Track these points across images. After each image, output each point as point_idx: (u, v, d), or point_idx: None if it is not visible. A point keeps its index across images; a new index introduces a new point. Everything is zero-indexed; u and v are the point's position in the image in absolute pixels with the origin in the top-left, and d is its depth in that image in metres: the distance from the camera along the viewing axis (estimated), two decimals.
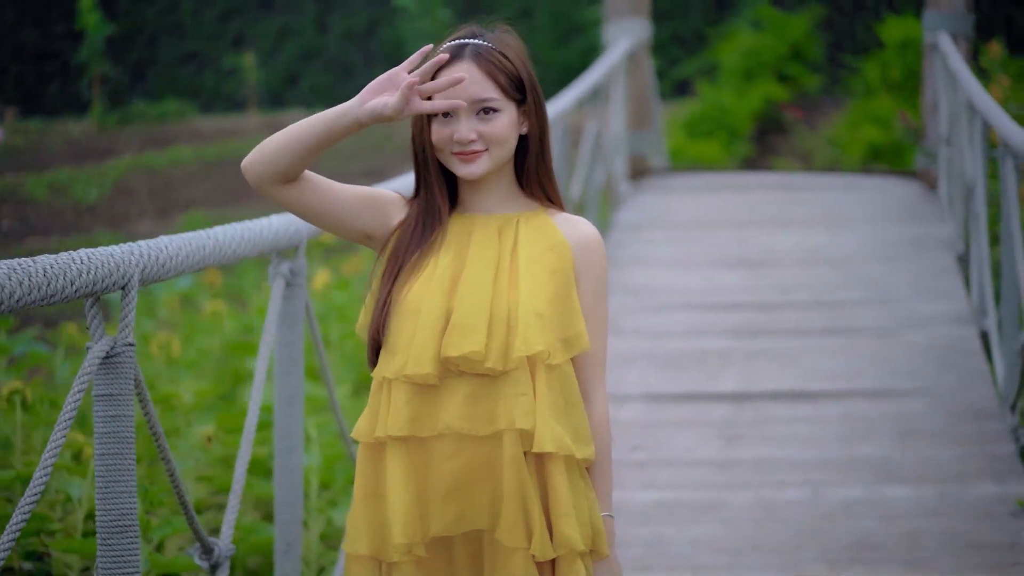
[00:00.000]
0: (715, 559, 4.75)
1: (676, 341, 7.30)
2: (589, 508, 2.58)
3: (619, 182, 10.30)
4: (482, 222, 2.63)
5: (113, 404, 2.77)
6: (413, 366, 2.54)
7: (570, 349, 2.59)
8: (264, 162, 2.57)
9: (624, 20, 10.66)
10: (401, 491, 2.55)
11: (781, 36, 17.04)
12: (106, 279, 2.68)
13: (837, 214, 9.81)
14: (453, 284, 2.58)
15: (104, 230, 16.41)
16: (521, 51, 2.67)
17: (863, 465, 5.56)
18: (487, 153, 2.58)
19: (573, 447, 2.56)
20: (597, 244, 2.66)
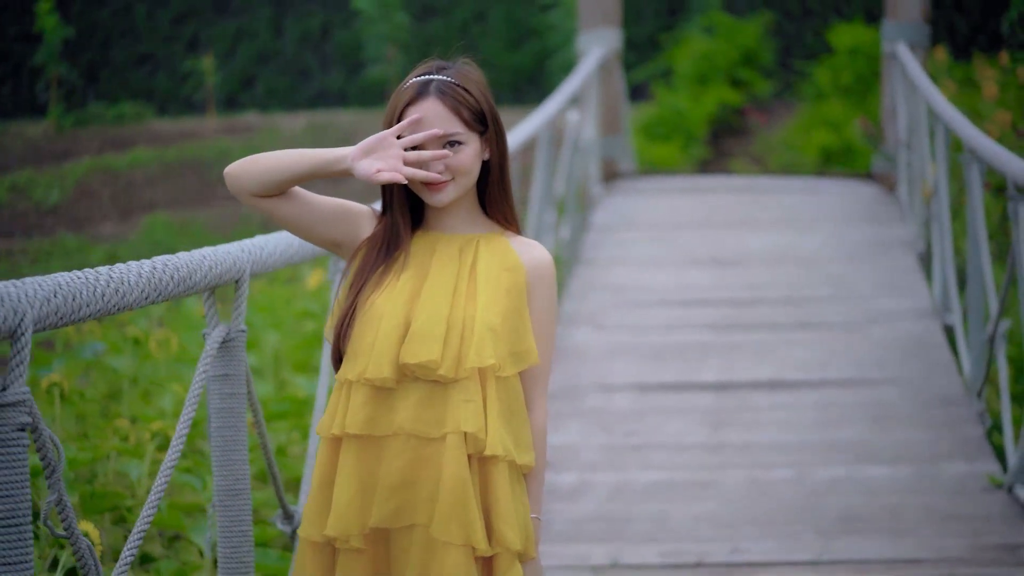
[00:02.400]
0: (716, 532, 5.17)
1: (657, 335, 7.73)
2: (524, 512, 2.75)
3: (592, 185, 10.74)
4: (445, 240, 2.80)
5: (229, 383, 3.16)
6: (373, 370, 2.69)
7: (519, 363, 2.75)
8: (247, 178, 2.73)
9: (597, 30, 11.11)
10: (346, 485, 2.71)
11: (733, 41, 17.40)
12: (226, 273, 3.06)
13: (801, 215, 10.29)
14: (414, 296, 2.74)
15: (67, 232, 16.42)
16: (482, 83, 2.79)
17: (843, 447, 6.01)
18: (453, 183, 2.74)
19: (515, 453, 2.72)
20: (549, 268, 2.82)
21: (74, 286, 2.40)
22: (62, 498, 2.39)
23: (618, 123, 11.69)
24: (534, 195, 8.14)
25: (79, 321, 2.40)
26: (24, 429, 2.24)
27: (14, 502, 2.23)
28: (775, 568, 4.85)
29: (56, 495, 2.38)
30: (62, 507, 2.41)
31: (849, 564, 4.84)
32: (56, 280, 2.36)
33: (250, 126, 21.91)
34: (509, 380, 2.74)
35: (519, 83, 23.92)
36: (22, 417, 2.23)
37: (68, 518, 2.43)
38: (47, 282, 2.33)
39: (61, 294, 2.34)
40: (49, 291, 2.31)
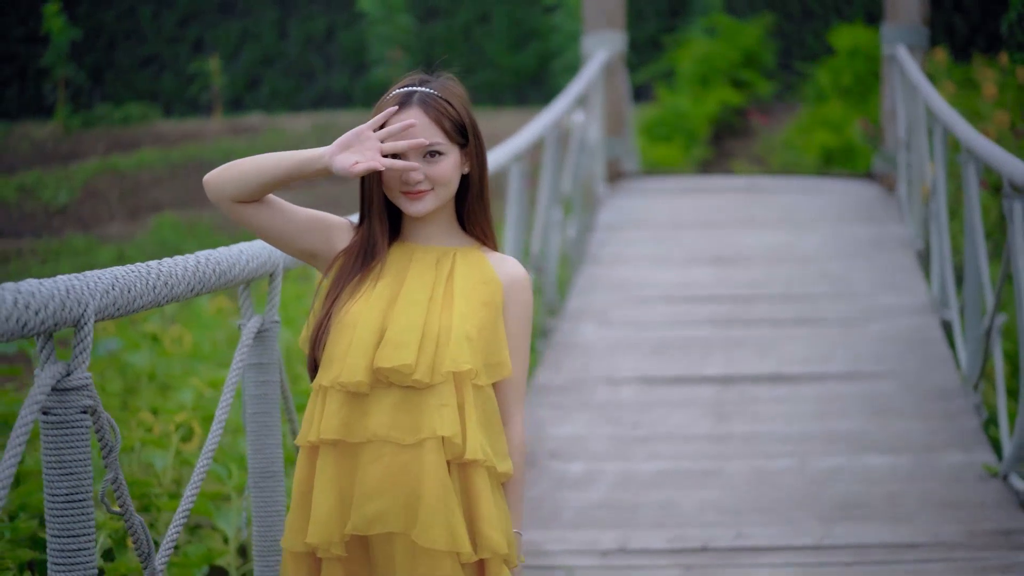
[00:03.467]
0: (719, 518, 5.36)
1: (661, 330, 7.93)
2: (506, 519, 2.75)
3: (597, 185, 10.94)
4: (421, 251, 2.80)
5: (263, 371, 3.35)
6: (347, 374, 2.68)
7: (492, 375, 2.76)
8: (227, 183, 2.73)
9: (601, 32, 11.31)
10: (325, 493, 2.71)
11: (734, 43, 17.55)
12: (262, 268, 3.25)
13: (802, 215, 10.49)
14: (390, 304, 2.74)
15: (75, 232, 16.54)
16: (464, 98, 2.81)
17: (842, 438, 6.20)
18: (432, 193, 2.75)
19: (495, 460, 2.73)
20: (524, 283, 2.83)
21: (129, 279, 2.58)
22: (118, 477, 2.58)
23: (622, 124, 11.89)
24: (541, 194, 8.33)
25: (134, 312, 2.59)
26: (87, 411, 2.42)
27: (78, 479, 2.41)
28: (778, 552, 5.04)
29: (113, 474, 2.57)
30: (117, 485, 2.59)
31: (849, 548, 5.03)
32: (113, 273, 2.55)
33: (255, 127, 22.09)
34: (484, 391, 2.75)
35: (522, 85, 24.12)
36: (85, 400, 2.41)
37: (123, 496, 2.61)
38: (106, 275, 2.52)
39: (118, 286, 2.53)
40: (108, 284, 2.50)
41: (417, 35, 24.05)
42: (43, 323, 2.28)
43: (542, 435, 6.42)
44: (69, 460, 2.39)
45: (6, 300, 2.18)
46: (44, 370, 2.35)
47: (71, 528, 2.40)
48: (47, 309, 2.28)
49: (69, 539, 2.40)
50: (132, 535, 2.66)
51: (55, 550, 2.40)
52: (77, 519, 2.40)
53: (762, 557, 5.02)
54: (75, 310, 2.37)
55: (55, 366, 2.37)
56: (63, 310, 2.33)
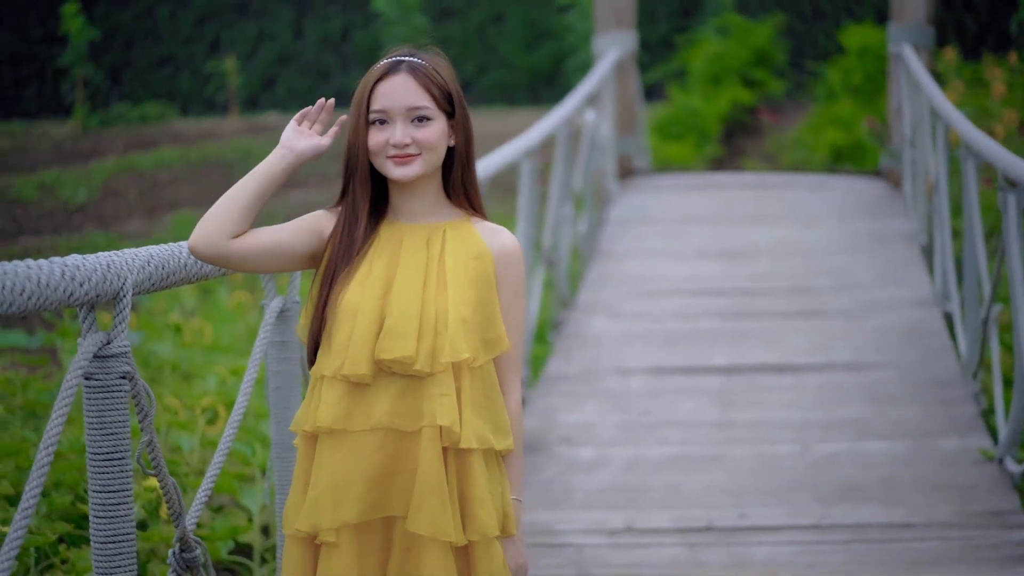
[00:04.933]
0: (723, 500, 5.56)
1: (670, 322, 8.13)
2: (502, 494, 2.79)
3: (609, 181, 11.14)
4: (411, 230, 2.80)
5: (285, 349, 3.56)
6: (351, 366, 2.71)
7: (491, 350, 2.78)
8: (215, 228, 2.72)
9: (612, 32, 11.52)
10: (317, 481, 2.75)
11: (746, 42, 17.71)
12: None
13: (808, 210, 10.69)
14: (386, 289, 2.75)
15: (95, 230, 16.72)
16: (450, 71, 2.82)
17: (843, 425, 6.39)
18: (420, 157, 2.76)
19: (493, 440, 2.76)
20: (516, 253, 2.83)
21: (163, 256, 2.79)
22: (152, 439, 2.78)
23: (634, 122, 12.10)
24: (552, 190, 8.53)
25: (168, 287, 2.80)
26: (125, 377, 2.62)
27: (117, 439, 2.62)
28: (779, 531, 5.23)
29: (148, 437, 2.77)
30: (152, 447, 2.79)
31: (847, 528, 5.22)
32: (149, 251, 2.75)
33: (271, 126, 22.31)
34: (483, 368, 2.77)
35: (536, 84, 24.32)
36: (123, 367, 2.61)
37: (157, 457, 2.81)
38: (142, 253, 2.72)
39: (154, 263, 2.74)
40: (144, 260, 2.71)
41: (432, 35, 24.25)
42: (86, 294, 2.48)
43: (553, 422, 6.63)
44: (109, 421, 2.59)
45: (54, 272, 2.38)
46: (86, 338, 2.56)
47: (111, 484, 2.60)
48: (90, 281, 2.49)
49: (109, 494, 2.60)
50: (165, 494, 2.86)
51: (96, 504, 2.60)
52: (117, 475, 2.60)
53: (764, 536, 5.21)
54: (115, 283, 2.58)
55: (96, 335, 2.57)
56: (104, 283, 2.53)
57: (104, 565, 2.61)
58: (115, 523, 2.59)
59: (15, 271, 2.27)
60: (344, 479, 2.73)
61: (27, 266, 2.31)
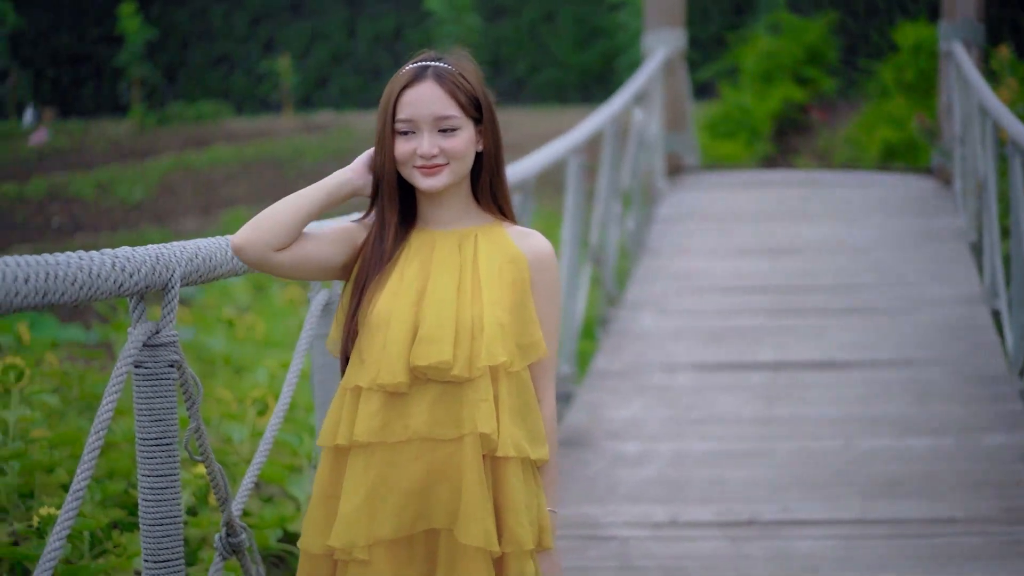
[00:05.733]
0: (766, 494, 5.61)
1: (716, 319, 8.19)
2: (538, 506, 2.71)
3: (657, 179, 11.19)
4: (442, 236, 2.73)
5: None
6: (387, 375, 2.64)
7: (527, 356, 2.70)
8: (266, 235, 2.67)
9: (661, 30, 11.57)
10: (352, 494, 2.66)
11: (798, 40, 17.68)
12: None
13: (856, 207, 10.70)
14: (419, 296, 2.68)
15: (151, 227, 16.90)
16: (478, 75, 2.74)
17: (887, 421, 6.42)
18: (448, 167, 2.68)
19: (529, 449, 2.68)
20: (550, 257, 2.76)
21: (210, 249, 2.88)
22: (199, 426, 2.86)
23: (683, 120, 12.14)
24: (600, 188, 8.59)
25: (215, 279, 2.88)
26: (173, 365, 2.71)
27: (165, 425, 2.70)
28: (820, 525, 5.28)
29: (195, 424, 2.85)
30: (199, 434, 2.88)
31: (888, 522, 5.26)
32: (197, 244, 2.84)
33: (324, 125, 22.47)
34: (520, 374, 2.70)
35: (587, 82, 24.38)
36: (172, 355, 2.70)
37: (204, 444, 2.90)
38: (189, 246, 2.81)
39: (201, 255, 2.82)
40: (192, 252, 2.79)
41: (484, 34, 24.34)
42: (136, 285, 2.57)
43: (600, 417, 6.69)
44: (158, 408, 2.68)
45: (105, 263, 2.48)
46: (136, 328, 2.65)
47: (159, 469, 2.69)
48: (140, 272, 2.57)
49: (158, 478, 2.69)
50: (211, 480, 2.94)
51: (145, 488, 2.69)
52: (165, 461, 2.69)
53: (805, 530, 5.25)
54: (163, 275, 2.67)
55: (146, 324, 2.66)
56: (153, 274, 2.62)
57: (152, 547, 2.70)
58: (163, 507, 2.68)
59: (68, 262, 2.36)
60: (380, 493, 2.66)
61: (79, 257, 2.40)
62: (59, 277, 2.32)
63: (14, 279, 2.19)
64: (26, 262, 2.24)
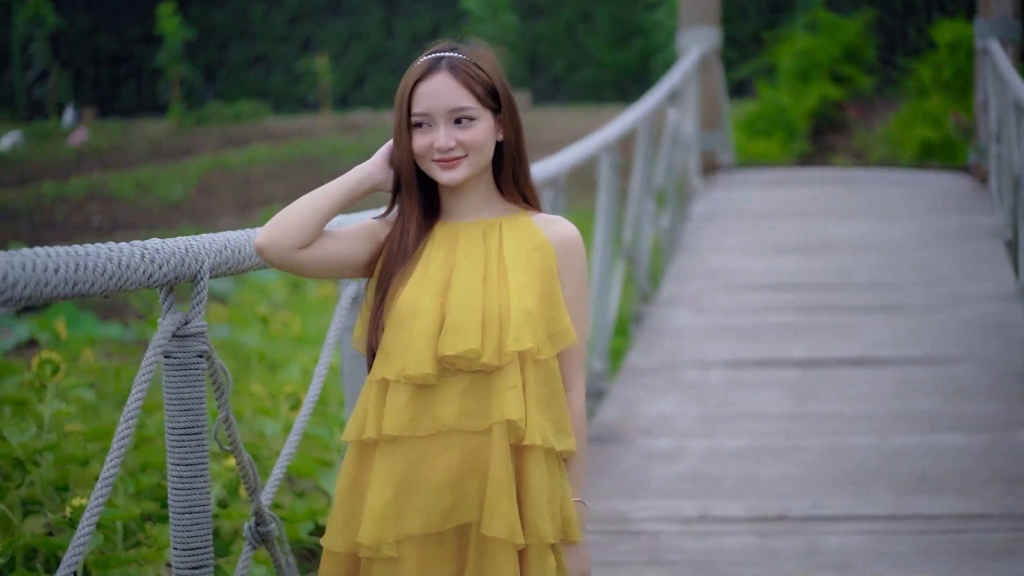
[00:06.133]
0: (797, 490, 5.61)
1: (749, 316, 8.19)
2: (562, 498, 2.65)
3: (692, 177, 11.20)
4: (466, 227, 2.69)
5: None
6: (414, 367, 2.59)
7: (556, 344, 2.65)
8: (289, 233, 2.64)
9: (696, 28, 11.58)
10: (380, 490, 2.61)
11: (835, 38, 17.64)
12: None
13: (891, 205, 10.68)
14: (445, 287, 2.64)
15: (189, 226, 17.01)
16: (495, 63, 2.68)
17: (920, 417, 6.41)
18: (467, 159, 2.64)
19: (554, 440, 2.63)
20: (577, 243, 2.71)
21: (239, 242, 2.91)
22: (228, 416, 2.90)
23: (717, 118, 12.14)
24: (633, 186, 8.60)
25: (244, 271, 2.91)
26: (202, 355, 2.75)
27: (194, 415, 2.74)
28: (851, 521, 5.27)
29: (224, 414, 2.89)
30: (228, 425, 2.91)
31: (920, 518, 5.25)
32: (226, 236, 2.87)
33: (362, 124, 22.55)
34: (548, 363, 2.65)
35: (624, 81, 24.38)
36: (200, 346, 2.73)
37: (233, 434, 2.94)
38: (219, 238, 2.84)
39: (230, 248, 2.86)
40: (221, 244, 2.83)
41: (521, 33, 24.38)
42: (165, 276, 2.60)
43: (633, 413, 6.71)
44: (187, 397, 2.72)
45: (135, 254, 2.51)
46: (166, 319, 2.68)
47: (188, 458, 2.72)
48: (169, 264, 2.61)
49: (187, 467, 2.72)
50: (241, 469, 2.98)
51: (175, 476, 2.73)
52: (194, 449, 2.73)
53: (836, 525, 5.25)
54: (192, 266, 2.70)
55: (175, 315, 2.69)
56: (182, 265, 2.66)
57: (181, 535, 2.73)
58: (192, 495, 2.72)
59: (97, 252, 2.40)
60: (409, 488, 2.61)
61: (109, 248, 2.44)
62: (89, 268, 2.35)
63: (44, 269, 2.22)
64: (56, 253, 2.28)
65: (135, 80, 28.90)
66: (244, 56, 28.27)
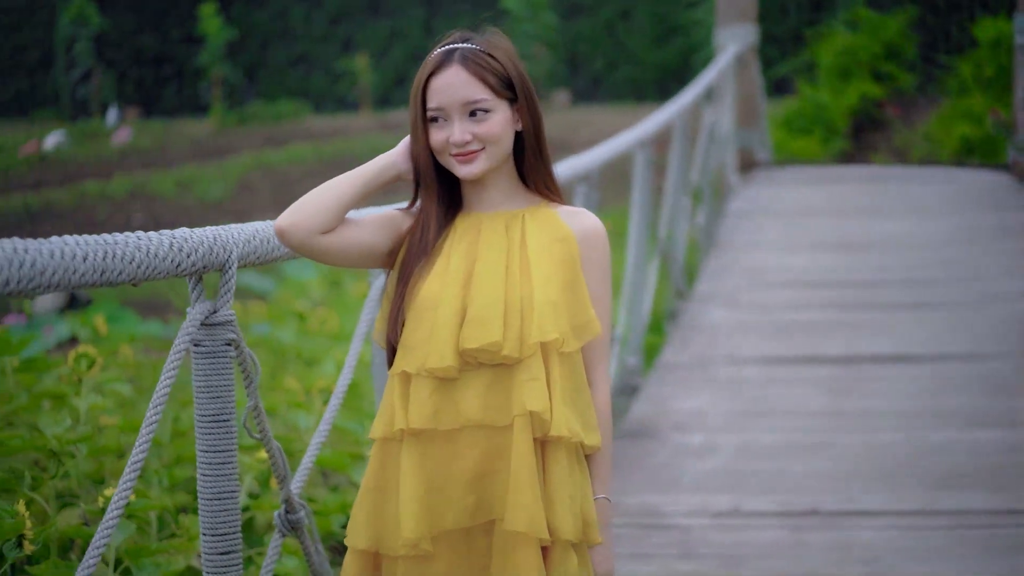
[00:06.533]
0: (829, 485, 5.61)
1: (785, 313, 8.20)
2: (582, 498, 2.60)
3: (729, 174, 11.20)
4: (488, 219, 2.66)
5: None
6: (435, 360, 2.55)
7: (581, 336, 2.61)
8: (309, 218, 2.60)
9: (733, 26, 11.59)
10: (412, 487, 2.57)
11: (876, 36, 17.58)
12: None
13: (929, 203, 10.66)
14: (467, 279, 2.60)
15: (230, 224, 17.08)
16: (510, 51, 2.65)
17: (954, 414, 6.40)
18: (484, 152, 2.60)
19: (583, 433, 2.59)
20: (600, 235, 2.68)
21: (268, 232, 2.94)
22: (257, 405, 2.94)
23: (755, 115, 12.14)
24: (669, 183, 8.61)
25: (272, 261, 2.95)
26: (230, 344, 2.79)
27: (223, 402, 2.78)
28: (883, 516, 5.27)
29: (253, 402, 2.93)
30: (257, 413, 2.96)
31: (951, 513, 5.24)
32: (255, 227, 2.91)
33: (401, 123, 22.62)
34: (572, 357, 2.60)
35: (664, 79, 24.35)
36: (229, 334, 2.77)
37: (262, 422, 2.98)
38: (247, 228, 2.88)
39: (259, 238, 2.90)
40: (249, 235, 2.87)
41: (561, 32, 24.38)
42: (193, 265, 2.64)
43: (666, 409, 6.73)
44: (216, 385, 2.76)
45: (163, 243, 2.55)
46: (194, 307, 2.72)
47: (217, 444, 2.76)
48: (197, 253, 2.65)
49: (215, 454, 2.76)
50: (270, 457, 3.02)
51: (203, 463, 2.77)
52: (222, 436, 2.77)
53: (867, 520, 5.25)
54: (221, 255, 2.74)
55: (204, 304, 2.73)
56: (211, 255, 2.69)
57: (210, 521, 2.78)
58: (220, 481, 2.76)
59: (125, 241, 2.43)
60: (439, 483, 2.58)
61: (137, 237, 2.48)
62: (117, 256, 2.39)
63: (72, 257, 2.26)
64: (84, 241, 2.31)
65: (177, 80, 29.08)
66: (285, 56, 28.40)
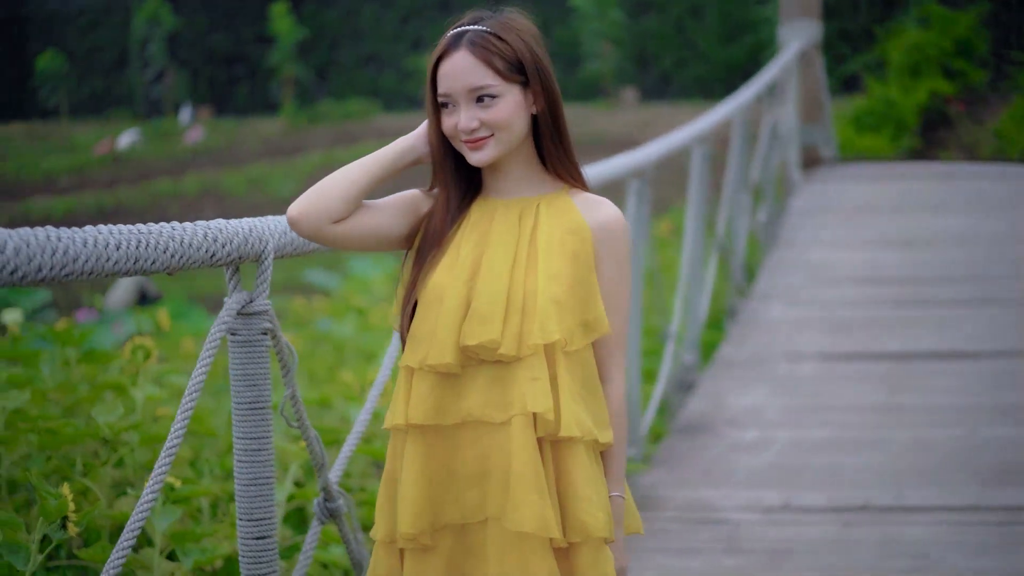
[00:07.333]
0: (881, 481, 5.61)
1: (844, 309, 8.17)
2: (604, 495, 2.54)
3: (792, 171, 11.17)
4: (503, 206, 2.58)
5: None
6: (436, 356, 2.50)
7: (589, 334, 2.52)
8: (328, 203, 2.54)
9: (796, 21, 11.55)
10: (415, 479, 2.53)
11: (947, 32, 17.43)
12: None
13: (992, 200, 10.58)
14: (474, 271, 2.53)
15: None
16: (524, 32, 2.52)
17: (1011, 410, 6.37)
18: (493, 139, 2.51)
19: (596, 431, 2.51)
20: (619, 226, 2.56)
21: None
22: (295, 393, 3.00)
23: (819, 111, 12.09)
24: (728, 179, 8.61)
25: (308, 253, 3.00)
26: (266, 333, 2.84)
27: (259, 390, 2.84)
28: (934, 512, 5.26)
29: (290, 391, 2.99)
30: (295, 402, 3.01)
31: (1003, 510, 5.22)
32: None
33: None
34: (580, 354, 2.52)
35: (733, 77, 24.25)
36: (265, 323, 2.83)
37: (300, 411, 3.03)
38: (283, 220, 2.94)
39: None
40: (286, 226, 2.93)
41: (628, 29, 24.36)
42: (228, 255, 2.70)
43: (721, 405, 6.74)
44: (252, 373, 2.81)
45: (198, 234, 2.61)
46: (231, 297, 2.78)
47: (253, 431, 2.82)
48: (232, 243, 2.70)
49: (251, 440, 2.82)
50: (308, 446, 3.08)
51: (240, 450, 2.83)
52: (258, 423, 2.83)
53: (918, 516, 5.24)
54: (256, 246, 2.79)
55: (240, 294, 2.79)
56: (246, 245, 2.75)
57: (247, 506, 2.84)
58: (256, 467, 2.82)
59: (160, 231, 2.49)
60: (438, 477, 2.53)
61: (172, 227, 2.54)
62: (151, 245, 2.44)
63: (105, 245, 2.32)
64: (119, 230, 2.37)
65: (249, 79, 29.34)
66: (355, 55, 28.57)
